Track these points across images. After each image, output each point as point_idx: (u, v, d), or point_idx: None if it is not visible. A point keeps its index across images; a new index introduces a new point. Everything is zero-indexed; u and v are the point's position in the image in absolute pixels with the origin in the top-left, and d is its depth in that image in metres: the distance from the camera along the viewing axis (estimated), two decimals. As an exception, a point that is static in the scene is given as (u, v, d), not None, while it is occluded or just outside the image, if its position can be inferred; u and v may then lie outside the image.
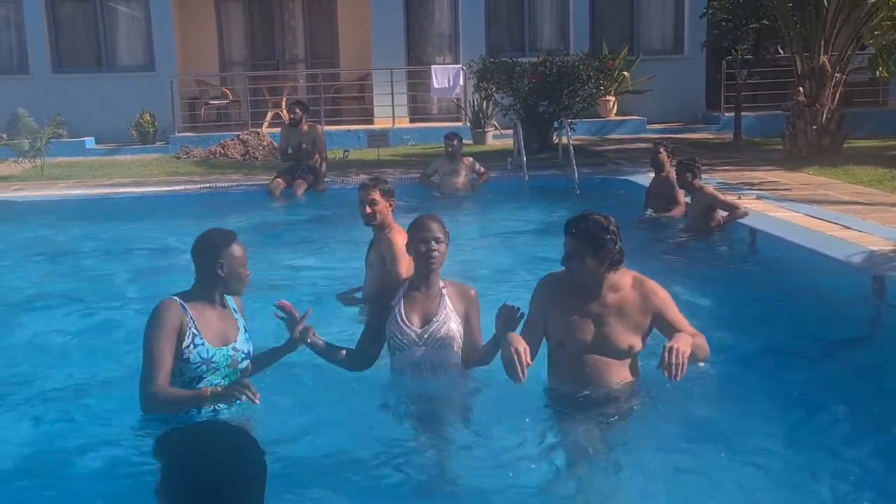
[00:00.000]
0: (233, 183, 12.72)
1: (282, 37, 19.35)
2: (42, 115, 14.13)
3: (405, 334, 4.28)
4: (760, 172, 12.02)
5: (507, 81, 14.63)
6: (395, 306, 4.33)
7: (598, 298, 4.10)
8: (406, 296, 4.34)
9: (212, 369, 3.98)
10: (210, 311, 4.04)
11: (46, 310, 6.70)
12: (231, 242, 4.03)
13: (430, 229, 4.29)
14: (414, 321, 4.29)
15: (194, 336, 3.94)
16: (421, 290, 4.34)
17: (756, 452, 3.99)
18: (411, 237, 4.35)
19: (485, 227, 9.89)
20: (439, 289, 4.35)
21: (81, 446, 4.15)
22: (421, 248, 4.28)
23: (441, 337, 4.28)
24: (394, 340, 4.32)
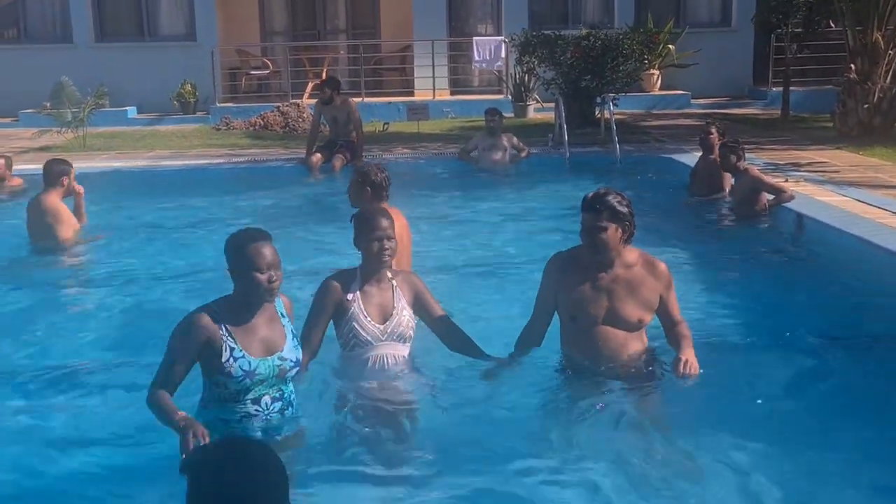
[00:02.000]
0: (272, 156, 12.70)
1: (323, 7, 19.24)
2: (85, 85, 14.19)
3: (368, 331, 4.21)
4: (809, 152, 11.73)
5: (550, 55, 14.41)
6: (352, 302, 4.22)
7: (610, 273, 4.21)
8: (362, 291, 4.25)
9: (258, 381, 3.73)
10: (251, 319, 3.75)
11: (88, 287, 6.74)
12: (249, 244, 3.66)
13: (380, 227, 4.20)
14: (375, 317, 4.23)
15: (232, 350, 3.67)
16: (374, 285, 4.28)
17: (786, 438, 4.01)
18: (361, 234, 4.25)
19: (524, 204, 9.77)
20: (389, 280, 4.32)
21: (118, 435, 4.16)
22: (374, 248, 4.20)
23: (402, 330, 4.27)
24: (354, 336, 4.22)
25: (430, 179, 11.23)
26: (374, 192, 5.45)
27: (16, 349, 5.38)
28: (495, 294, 6.38)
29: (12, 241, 7.72)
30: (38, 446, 4.12)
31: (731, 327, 5.56)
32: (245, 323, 3.73)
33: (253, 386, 3.74)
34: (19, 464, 3.99)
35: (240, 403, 3.74)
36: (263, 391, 3.78)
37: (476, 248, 7.87)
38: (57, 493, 3.84)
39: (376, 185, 5.45)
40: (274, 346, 3.77)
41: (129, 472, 3.90)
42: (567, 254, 4.37)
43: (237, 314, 3.73)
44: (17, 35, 18.52)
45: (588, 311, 4.19)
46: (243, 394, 3.74)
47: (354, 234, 4.31)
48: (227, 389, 3.74)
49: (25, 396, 4.70)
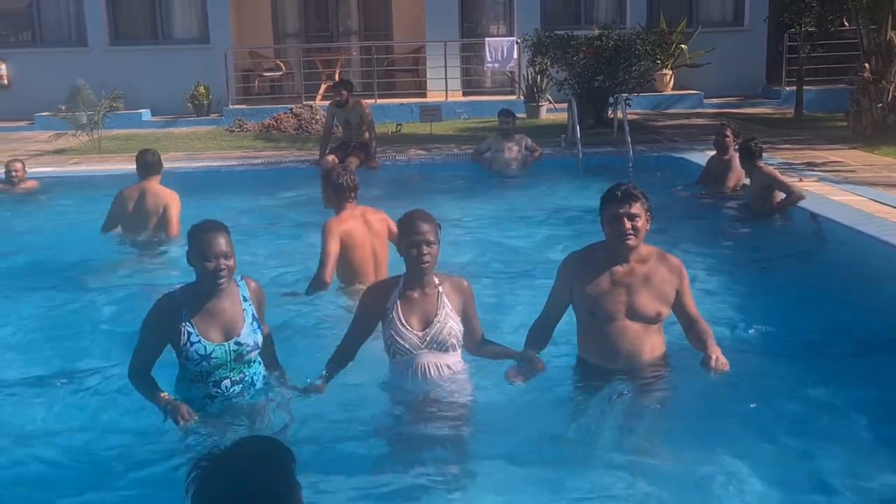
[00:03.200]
0: (286, 158, 12.74)
1: (335, 8, 19.29)
2: (99, 88, 14.27)
3: (406, 339, 4.11)
4: (823, 151, 11.70)
5: (562, 56, 14.41)
6: (390, 308, 4.13)
7: (626, 267, 4.23)
8: (402, 297, 4.14)
9: (215, 364, 3.92)
10: (210, 304, 3.94)
11: (107, 289, 6.78)
12: (201, 234, 3.88)
13: (420, 231, 4.07)
14: (414, 324, 4.12)
15: (189, 334, 3.88)
16: (416, 291, 4.16)
17: (803, 435, 4.03)
18: (401, 237, 4.16)
19: (537, 205, 9.77)
20: (435, 286, 4.19)
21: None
22: (412, 252, 4.07)
23: (444, 338, 4.14)
24: (393, 345, 4.15)
25: (443, 181, 11.25)
26: (337, 194, 5.73)
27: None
28: (508, 295, 6.38)
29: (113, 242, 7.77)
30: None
31: (746, 327, 5.54)
32: (204, 308, 3.93)
33: (212, 370, 3.94)
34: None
35: (201, 384, 3.97)
36: (223, 374, 3.97)
37: (489, 250, 7.88)
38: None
39: (338, 187, 5.71)
40: (231, 332, 3.96)
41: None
42: (581, 253, 4.39)
43: (198, 300, 3.95)
44: (33, 39, 18.65)
45: (606, 305, 4.20)
46: (204, 376, 3.96)
47: (397, 238, 4.26)
48: (188, 371, 3.96)
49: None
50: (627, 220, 4.10)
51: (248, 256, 6.87)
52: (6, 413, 4.57)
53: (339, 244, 5.64)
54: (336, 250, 5.62)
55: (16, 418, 4.49)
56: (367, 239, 5.79)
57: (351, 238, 5.72)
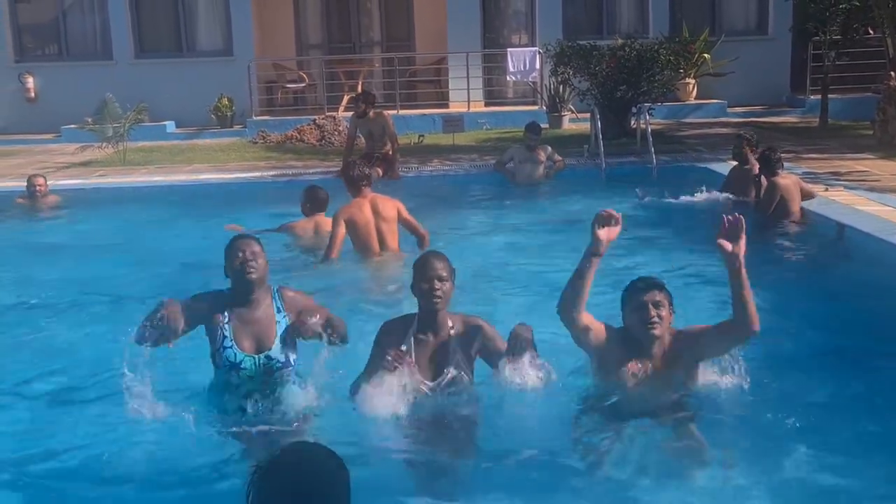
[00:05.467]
0: (310, 170, 12.78)
1: (358, 20, 19.38)
2: (124, 100, 14.41)
3: (416, 384, 4.10)
4: (848, 161, 11.61)
5: (584, 65, 14.40)
6: (404, 354, 4.10)
7: (651, 357, 4.17)
8: (416, 340, 4.15)
9: (244, 377, 3.96)
10: (244, 312, 4.03)
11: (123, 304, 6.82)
12: (232, 242, 4.09)
13: (433, 268, 4.12)
14: (425, 373, 4.12)
15: (224, 338, 3.96)
16: (429, 334, 4.16)
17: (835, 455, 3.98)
18: (415, 276, 4.19)
19: (560, 216, 9.75)
20: (448, 330, 4.19)
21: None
22: (424, 287, 4.11)
23: (454, 388, 4.14)
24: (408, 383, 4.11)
25: (465, 191, 11.26)
26: (351, 184, 7.25)
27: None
28: (531, 306, 6.36)
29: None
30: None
31: (770, 336, 5.49)
32: (239, 315, 4.02)
33: (241, 382, 3.97)
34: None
35: (232, 395, 4.01)
36: (253, 388, 3.99)
37: (513, 260, 7.87)
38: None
39: (351, 178, 7.26)
40: (263, 345, 4.01)
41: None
42: (614, 332, 4.25)
43: (237, 304, 4.05)
44: (59, 52, 18.86)
45: (630, 389, 4.16)
46: (233, 388, 3.98)
47: (412, 280, 4.25)
48: (219, 378, 4.01)
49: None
50: (653, 308, 4.08)
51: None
52: (32, 425, 4.61)
53: (344, 227, 7.01)
54: (342, 233, 6.99)
55: (37, 431, 4.52)
56: (370, 220, 7.12)
57: (354, 221, 7.07)
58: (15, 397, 5.05)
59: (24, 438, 4.45)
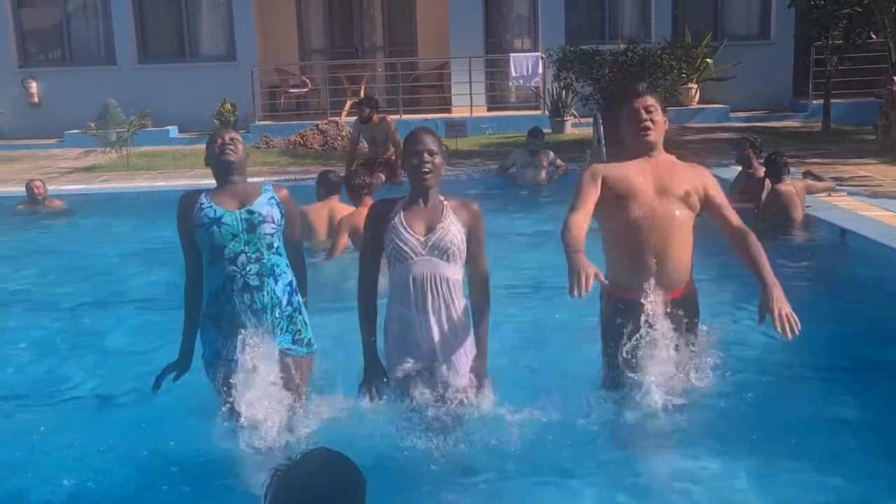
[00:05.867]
0: (313, 175, 12.75)
1: (360, 25, 19.42)
2: (128, 105, 14.46)
3: (407, 241, 4.02)
4: (851, 166, 11.60)
5: (587, 70, 14.42)
6: (393, 217, 4.08)
7: (653, 161, 4.19)
8: (405, 208, 4.10)
9: (227, 234, 3.97)
10: (228, 187, 4.11)
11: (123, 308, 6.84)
12: (210, 136, 4.20)
13: (421, 142, 4.05)
14: (416, 228, 4.05)
15: (202, 203, 4.04)
16: (420, 203, 4.10)
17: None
18: (405, 151, 4.13)
19: (562, 221, 9.74)
20: (440, 201, 4.14)
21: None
22: (413, 162, 4.04)
23: (445, 245, 4.04)
24: (394, 251, 4.05)
25: (467, 196, 11.23)
26: (353, 193, 7.57)
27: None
28: (533, 311, 6.38)
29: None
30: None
31: (775, 345, 5.49)
32: (223, 188, 4.10)
33: (224, 240, 3.97)
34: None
35: (219, 266, 4.00)
36: (238, 248, 3.99)
37: (514, 265, 7.87)
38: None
39: (353, 187, 7.59)
40: (245, 202, 4.06)
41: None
42: (604, 163, 4.38)
43: (218, 187, 4.13)
44: (63, 57, 18.91)
45: (634, 182, 4.11)
46: (218, 252, 3.98)
47: (402, 157, 4.25)
48: (205, 247, 4.02)
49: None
50: (644, 112, 4.13)
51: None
52: (39, 432, 4.62)
53: (347, 236, 7.28)
54: (344, 242, 7.29)
55: (45, 437, 4.53)
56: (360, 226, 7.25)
57: (357, 229, 6.94)
58: (14, 398, 5.07)
59: (22, 440, 4.46)
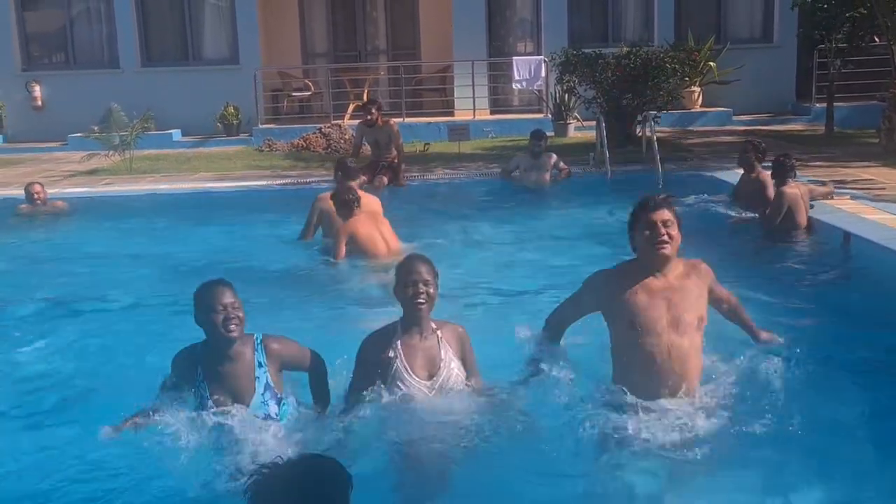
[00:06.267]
0: (316, 178, 12.80)
1: (363, 28, 19.42)
2: (131, 109, 14.46)
3: (414, 389, 4.02)
4: (854, 169, 11.59)
5: (590, 74, 14.41)
6: (394, 359, 4.03)
7: (661, 279, 4.15)
8: (404, 345, 4.06)
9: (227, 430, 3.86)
10: (222, 367, 3.87)
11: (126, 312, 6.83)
12: (206, 290, 3.87)
13: (416, 271, 4.04)
14: (420, 373, 4.04)
15: (202, 397, 3.87)
16: (415, 337, 4.07)
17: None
18: (398, 280, 4.10)
19: (565, 224, 9.75)
20: (433, 331, 4.12)
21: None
22: (408, 292, 4.02)
23: (450, 386, 4.08)
24: (399, 392, 4.03)
25: (470, 199, 11.27)
26: (344, 208, 7.57)
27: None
28: (536, 315, 6.35)
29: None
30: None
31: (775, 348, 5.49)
32: (217, 371, 3.85)
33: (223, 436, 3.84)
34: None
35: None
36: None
37: (517, 268, 7.87)
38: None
39: (345, 203, 7.57)
40: (241, 400, 3.87)
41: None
42: (609, 270, 4.30)
43: (211, 361, 3.87)
44: (66, 60, 18.92)
45: (648, 315, 4.07)
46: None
47: (395, 283, 4.16)
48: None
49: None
50: (662, 227, 4.05)
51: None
52: (28, 432, 4.62)
53: (346, 244, 7.45)
54: (342, 251, 7.44)
55: (45, 437, 4.54)
56: (372, 231, 7.53)
57: (356, 235, 7.47)
58: (13, 400, 5.07)
59: (18, 442, 4.46)
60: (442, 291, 4.38)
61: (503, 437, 4.14)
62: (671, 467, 3.91)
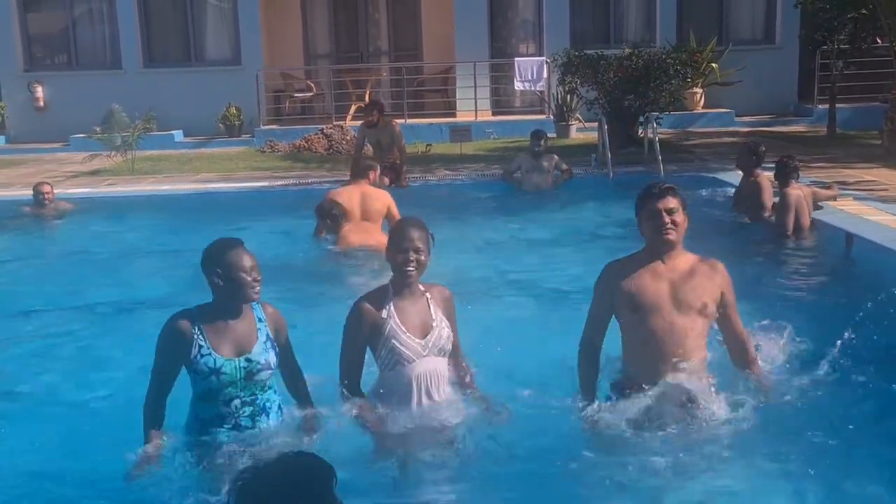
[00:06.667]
0: (318, 178, 12.81)
1: (365, 29, 19.43)
2: (133, 109, 14.47)
3: (409, 347, 4.02)
4: (856, 170, 11.59)
5: (592, 75, 14.41)
6: (387, 319, 4.04)
7: (670, 264, 4.18)
8: (396, 306, 4.06)
9: (224, 382, 3.86)
10: (224, 323, 3.90)
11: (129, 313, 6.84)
12: (229, 250, 3.88)
13: (408, 238, 4.02)
14: (414, 332, 4.04)
15: (200, 347, 3.85)
16: (406, 298, 4.08)
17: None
18: (390, 243, 4.11)
19: (567, 225, 9.75)
20: (422, 293, 4.14)
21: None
22: (398, 258, 4.02)
23: (442, 343, 4.09)
24: (395, 354, 4.03)
25: (472, 200, 11.27)
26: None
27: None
28: (539, 315, 6.37)
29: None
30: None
31: (781, 351, 5.47)
32: (218, 325, 3.90)
33: (221, 387, 3.88)
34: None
35: (212, 403, 3.91)
36: (233, 393, 3.91)
37: (519, 270, 7.87)
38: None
39: (360, 167, 8.19)
40: (243, 349, 3.91)
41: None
42: (619, 261, 4.32)
43: (213, 317, 3.91)
44: (68, 61, 18.94)
45: (649, 297, 4.12)
46: (213, 394, 3.89)
47: (387, 246, 4.17)
48: (199, 387, 3.91)
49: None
50: (666, 215, 4.08)
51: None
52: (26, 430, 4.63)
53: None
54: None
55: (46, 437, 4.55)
56: (365, 237, 7.73)
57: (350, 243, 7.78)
58: (12, 402, 5.08)
59: (14, 444, 4.47)
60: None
61: (494, 439, 4.15)
62: (671, 461, 3.93)
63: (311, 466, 2.22)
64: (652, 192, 4.14)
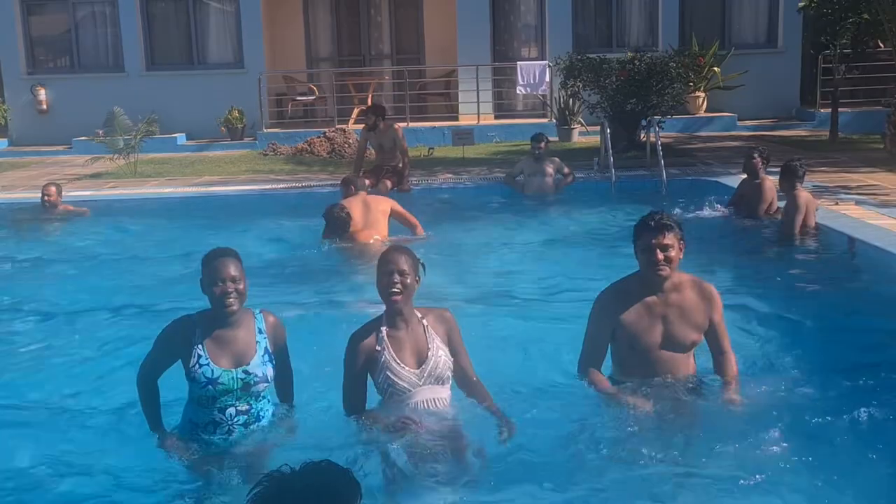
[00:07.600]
0: (320, 182, 12.81)
1: (368, 33, 19.45)
2: (136, 112, 14.47)
3: (404, 377, 3.99)
4: (859, 174, 11.58)
5: (594, 79, 14.41)
6: (381, 350, 4.01)
7: (662, 297, 4.29)
8: (389, 337, 4.03)
9: (221, 391, 3.90)
10: (223, 332, 3.93)
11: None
12: (213, 260, 3.93)
13: (391, 261, 3.99)
14: (408, 362, 4.01)
15: (199, 356, 3.88)
16: (401, 327, 4.04)
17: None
18: (377, 271, 4.07)
19: (570, 229, 9.75)
20: (419, 320, 4.10)
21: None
22: (382, 281, 4.00)
23: (439, 372, 4.05)
24: (389, 385, 4.01)
25: (474, 204, 11.25)
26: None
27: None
28: (540, 320, 6.36)
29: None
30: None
31: (778, 354, 5.48)
32: (217, 334, 3.94)
33: (217, 395, 3.93)
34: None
35: (207, 409, 3.97)
36: (229, 402, 3.96)
37: (521, 273, 7.86)
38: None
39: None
40: (241, 360, 3.95)
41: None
42: (615, 287, 4.43)
43: (212, 326, 3.95)
44: (71, 64, 18.96)
45: (646, 339, 4.29)
46: (209, 401, 3.95)
47: (376, 276, 4.10)
48: (194, 393, 3.96)
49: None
50: (660, 252, 4.15)
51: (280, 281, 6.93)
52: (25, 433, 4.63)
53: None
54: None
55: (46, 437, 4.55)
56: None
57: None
58: (12, 404, 5.08)
59: (14, 444, 4.47)
60: (444, 295, 4.37)
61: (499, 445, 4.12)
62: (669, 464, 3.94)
63: (336, 482, 2.17)
64: (648, 226, 4.19)
